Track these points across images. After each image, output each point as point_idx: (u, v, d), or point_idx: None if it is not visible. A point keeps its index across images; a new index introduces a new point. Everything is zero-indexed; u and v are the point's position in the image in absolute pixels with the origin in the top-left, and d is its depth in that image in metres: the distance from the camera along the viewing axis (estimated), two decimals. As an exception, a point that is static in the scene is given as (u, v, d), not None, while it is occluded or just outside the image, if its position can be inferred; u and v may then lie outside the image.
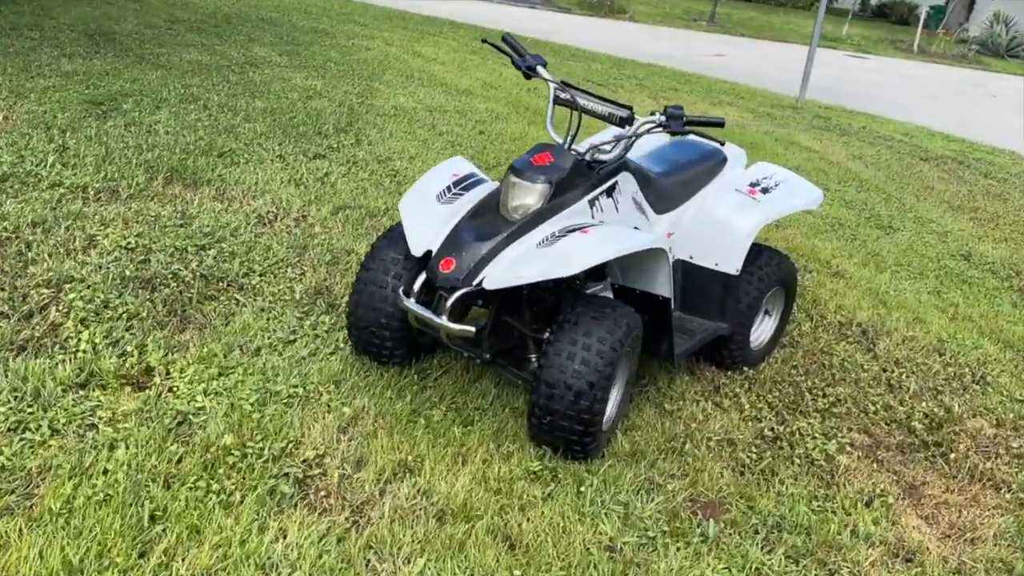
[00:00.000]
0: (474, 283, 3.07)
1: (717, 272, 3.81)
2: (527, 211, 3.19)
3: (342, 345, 3.65)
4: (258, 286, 4.06)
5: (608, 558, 2.74)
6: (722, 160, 4.17)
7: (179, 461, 2.83)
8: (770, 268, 3.99)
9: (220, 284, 4.02)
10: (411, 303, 3.19)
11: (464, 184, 3.47)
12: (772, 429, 3.63)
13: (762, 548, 2.91)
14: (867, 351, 4.59)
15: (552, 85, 3.56)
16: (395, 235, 3.45)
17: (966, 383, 4.40)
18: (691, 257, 3.87)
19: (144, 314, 3.62)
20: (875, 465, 3.53)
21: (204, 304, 3.83)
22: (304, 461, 2.93)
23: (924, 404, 4.09)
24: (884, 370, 4.38)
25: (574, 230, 3.14)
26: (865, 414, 3.93)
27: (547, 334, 3.29)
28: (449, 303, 3.10)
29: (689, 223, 3.88)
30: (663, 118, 3.32)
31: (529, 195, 3.20)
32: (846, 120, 11.75)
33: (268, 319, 3.78)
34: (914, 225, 7.15)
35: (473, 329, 3.12)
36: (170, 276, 3.99)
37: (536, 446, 3.19)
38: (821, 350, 4.48)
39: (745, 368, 4.07)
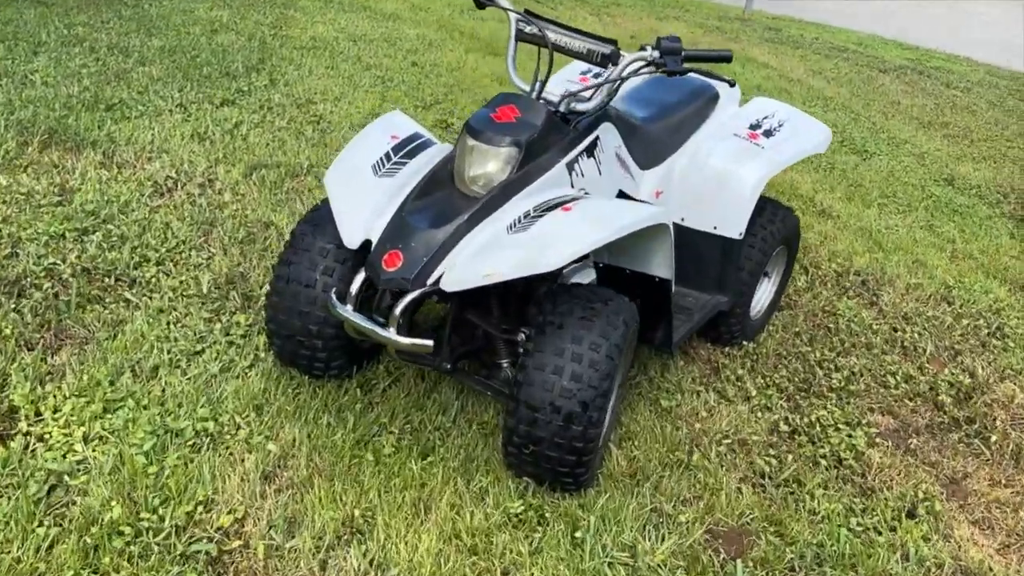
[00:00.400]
0: (428, 283, 2.39)
1: (716, 237, 3.17)
2: (491, 182, 2.50)
3: (263, 354, 2.94)
4: (154, 280, 3.29)
5: (620, 632, 2.15)
6: (713, 97, 3.49)
7: (50, 549, 2.13)
8: (774, 226, 3.36)
9: (106, 280, 3.24)
10: (347, 311, 2.50)
11: (407, 149, 2.73)
12: (787, 421, 3.06)
13: (803, 593, 2.36)
14: (871, 305, 4.05)
15: (513, 16, 2.81)
16: (322, 217, 2.71)
17: (983, 338, 3.90)
18: (683, 219, 3.22)
19: (7, 331, 2.85)
20: (909, 458, 2.99)
21: (86, 310, 3.05)
22: (219, 530, 2.25)
23: (946, 370, 3.57)
24: (895, 329, 3.85)
25: (553, 206, 2.46)
26: (885, 388, 3.39)
27: (522, 335, 2.63)
28: (398, 311, 2.41)
29: (680, 178, 3.22)
30: (656, 54, 2.62)
31: (492, 162, 2.50)
32: (797, 31, 11.12)
33: (167, 325, 3.03)
34: (889, 148, 6.61)
35: (431, 343, 2.45)
36: (43, 274, 3.19)
37: (515, 476, 2.56)
38: (823, 309, 3.91)
39: (745, 343, 3.48)
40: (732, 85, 2.75)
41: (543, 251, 2.33)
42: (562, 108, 2.70)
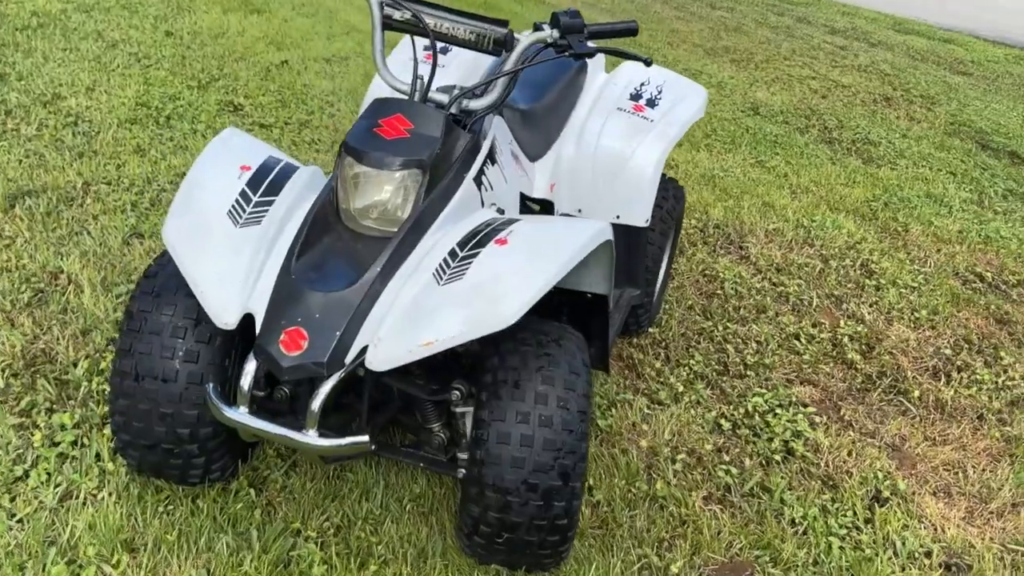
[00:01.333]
0: (347, 361, 1.84)
1: (619, 227, 2.79)
2: (390, 216, 1.97)
3: (111, 463, 2.24)
4: (-79, 384, 2.44)
5: None
6: (582, 66, 3.07)
7: None
8: (668, 204, 3.06)
9: None
10: (241, 415, 1.90)
11: (266, 183, 2.10)
12: (725, 415, 2.82)
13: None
14: (743, 260, 3.90)
15: (375, 1, 2.23)
16: (165, 282, 2.05)
17: (856, 279, 3.88)
18: (580, 211, 2.83)
19: None
20: (850, 432, 2.85)
21: None
22: None
23: (841, 323, 3.49)
24: (775, 284, 3.72)
25: (481, 239, 1.97)
26: (796, 355, 3.24)
27: (455, 393, 2.12)
28: (315, 406, 1.85)
29: (571, 167, 2.80)
30: (556, 33, 2.16)
31: (388, 190, 1.97)
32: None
33: (-39, 448, 2.24)
34: (689, 80, 6.56)
35: (368, 440, 1.92)
36: None
37: (479, 565, 2.11)
38: (703, 274, 3.71)
39: (650, 329, 3.19)
40: (649, 64, 2.35)
41: (492, 305, 1.85)
42: (453, 110, 2.18)
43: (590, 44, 2.16)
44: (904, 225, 4.50)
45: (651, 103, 2.97)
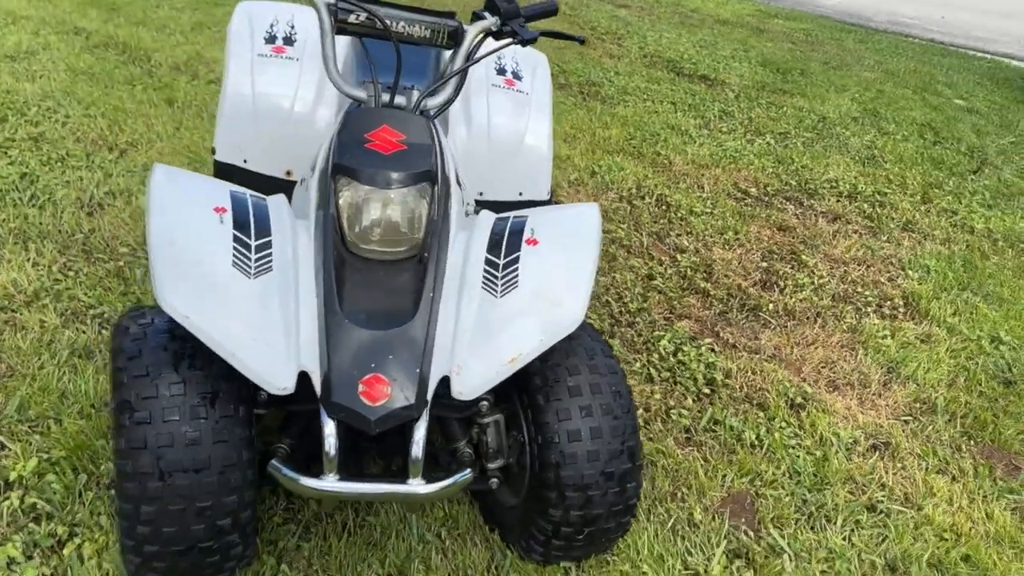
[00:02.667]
0: (430, 398, 1.72)
1: (524, 204, 2.81)
2: (403, 233, 1.84)
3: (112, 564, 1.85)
4: None
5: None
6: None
7: None
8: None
9: None
10: (339, 484, 1.70)
11: (254, 225, 1.83)
12: (650, 365, 2.98)
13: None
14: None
15: (324, 3, 1.99)
16: (153, 358, 1.73)
17: (661, 214, 4.22)
18: (482, 194, 2.78)
19: None
20: (741, 353, 3.16)
21: None
22: None
23: (678, 256, 3.80)
24: (606, 233, 3.94)
25: (509, 242, 1.92)
26: (661, 293, 3.48)
27: (484, 404, 2.03)
28: (418, 452, 1.71)
29: (465, 150, 2.75)
30: (496, 20, 2.11)
31: (400, 208, 1.82)
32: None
33: None
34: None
35: (471, 474, 1.80)
36: None
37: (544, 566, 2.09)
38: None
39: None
40: (583, 42, 2.35)
41: (557, 308, 1.85)
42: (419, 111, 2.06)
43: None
44: (667, 158, 4.95)
45: (516, 76, 2.98)
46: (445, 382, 1.74)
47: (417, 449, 1.71)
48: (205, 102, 4.51)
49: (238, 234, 1.78)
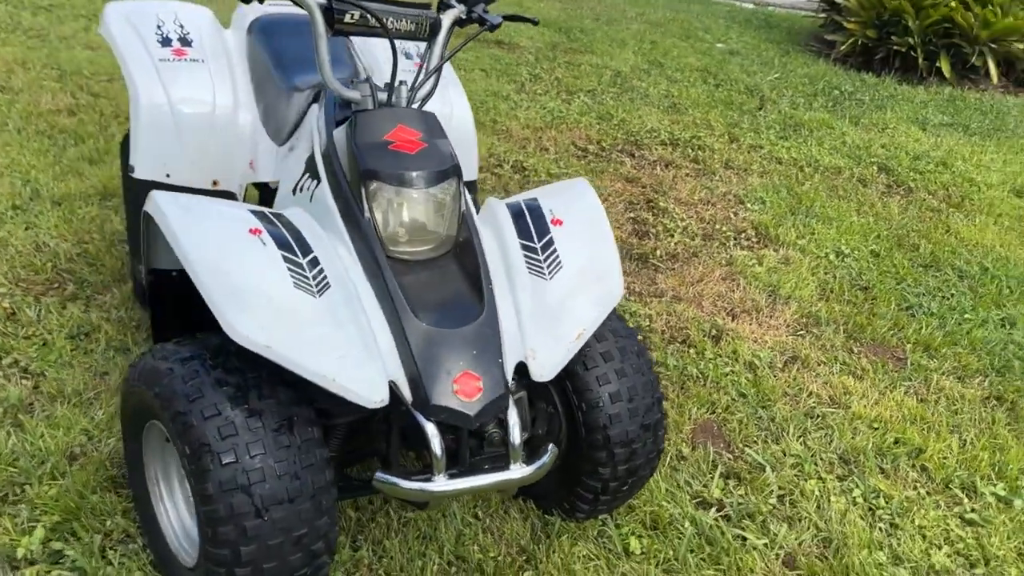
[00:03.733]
0: (511, 385, 1.78)
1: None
2: (438, 229, 1.88)
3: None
4: None
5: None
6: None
7: None
8: None
9: None
10: (452, 483, 1.73)
11: (294, 241, 1.78)
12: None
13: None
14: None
15: (317, 4, 1.92)
16: (210, 394, 1.65)
17: (521, 180, 4.38)
18: None
19: None
20: (652, 299, 3.42)
21: None
22: None
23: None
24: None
25: (536, 225, 2.01)
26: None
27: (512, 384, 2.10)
28: (519, 439, 1.77)
29: None
30: (463, 7, 2.17)
31: (436, 206, 1.87)
32: None
33: None
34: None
35: (556, 449, 1.88)
36: None
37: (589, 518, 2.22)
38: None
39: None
40: (536, 23, 2.41)
41: (603, 282, 1.99)
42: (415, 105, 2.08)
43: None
44: (504, 125, 5.10)
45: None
46: (519, 367, 1.80)
47: (515, 434, 1.76)
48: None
49: (286, 254, 1.72)
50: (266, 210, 1.86)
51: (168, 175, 2.52)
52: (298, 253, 1.74)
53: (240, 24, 2.79)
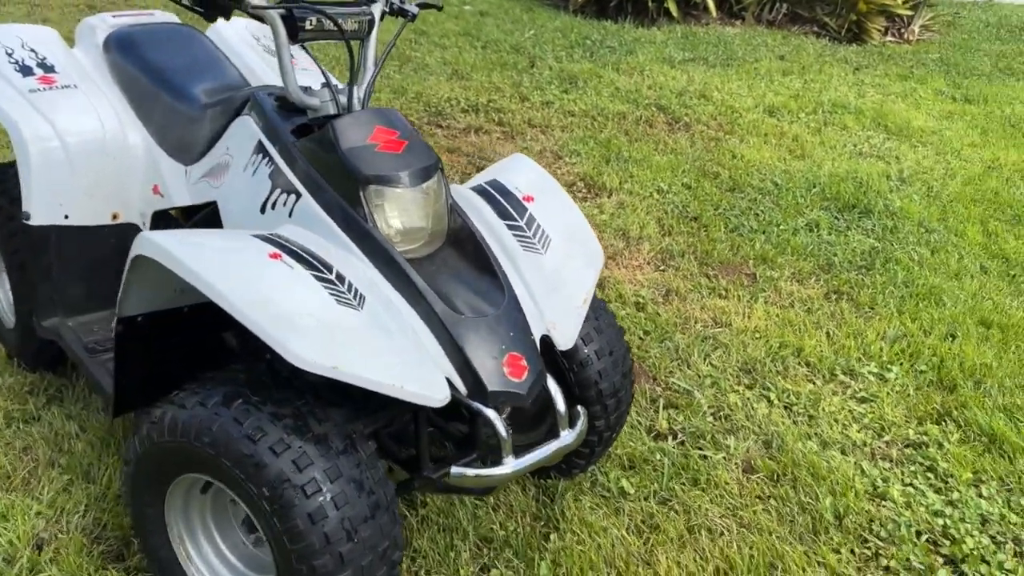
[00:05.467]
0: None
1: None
2: (435, 222, 1.93)
3: None
4: None
5: (766, 467, 2.54)
6: None
7: None
8: None
9: None
10: (520, 461, 1.81)
11: (314, 260, 1.74)
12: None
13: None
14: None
15: (278, 14, 1.84)
16: (278, 434, 1.62)
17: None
18: None
19: None
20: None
21: None
22: None
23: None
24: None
25: (511, 203, 2.10)
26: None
27: None
28: (564, 407, 1.89)
29: None
30: (385, 1, 2.19)
31: (429, 200, 1.92)
32: None
33: None
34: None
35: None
36: None
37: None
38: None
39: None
40: (440, 9, 2.41)
41: (586, 245, 2.13)
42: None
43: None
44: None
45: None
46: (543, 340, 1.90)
47: (560, 401, 1.86)
48: None
49: (315, 274, 1.69)
50: (266, 233, 1.79)
51: (67, 215, 2.29)
52: (324, 270, 1.71)
53: (91, 41, 2.56)
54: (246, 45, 2.82)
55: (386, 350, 1.65)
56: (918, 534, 2.33)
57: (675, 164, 4.73)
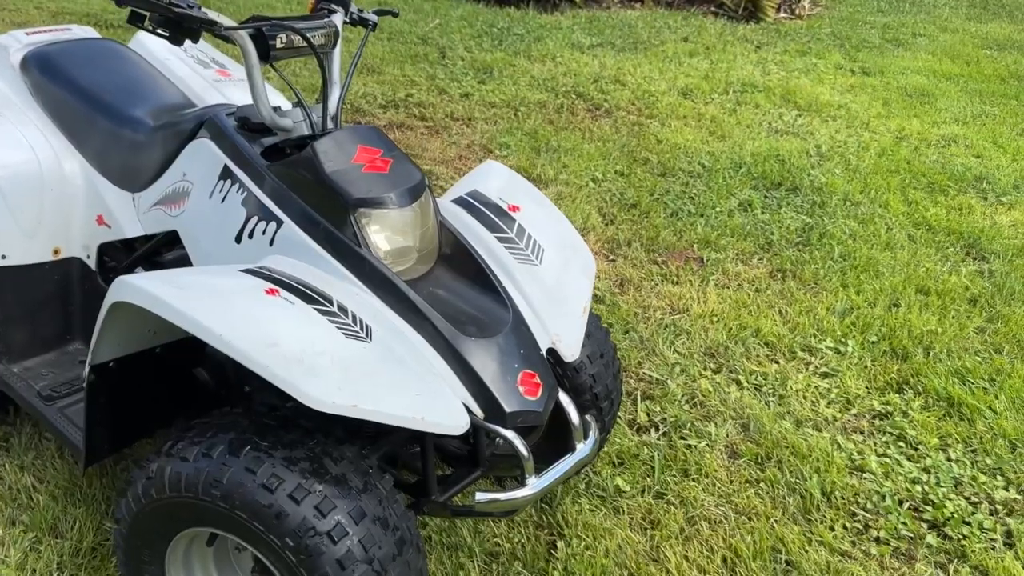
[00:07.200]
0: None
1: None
2: (428, 240, 1.86)
3: None
4: None
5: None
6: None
7: None
8: None
9: None
10: (543, 479, 1.75)
11: (310, 292, 1.64)
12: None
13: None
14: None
15: (247, 34, 1.73)
16: (291, 456, 1.55)
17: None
18: None
19: None
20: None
21: None
22: None
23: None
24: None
25: (497, 214, 2.05)
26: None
27: None
28: (579, 419, 1.85)
29: None
30: (340, 9, 2.10)
31: (421, 220, 1.85)
32: None
33: None
34: None
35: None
36: None
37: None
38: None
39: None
40: (396, 15, 2.31)
41: (577, 253, 2.10)
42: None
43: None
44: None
45: (220, 63, 2.75)
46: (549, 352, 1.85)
47: (574, 414, 1.81)
48: None
49: (317, 308, 1.59)
50: (247, 267, 1.68)
51: (3, 255, 2.11)
52: (324, 302, 1.62)
53: (4, 62, 2.36)
54: (175, 57, 2.66)
55: (402, 381, 1.58)
56: (900, 502, 2.40)
57: (604, 152, 4.74)
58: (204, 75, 2.61)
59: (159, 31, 1.73)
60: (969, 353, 3.12)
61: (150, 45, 2.68)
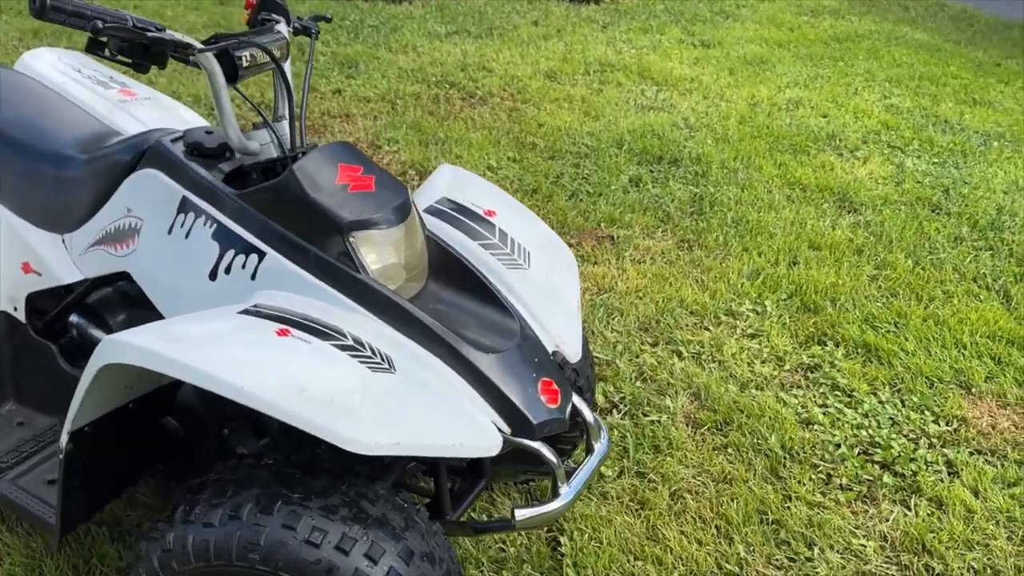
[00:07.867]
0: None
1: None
2: (420, 256, 1.83)
3: None
4: None
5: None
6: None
7: None
8: None
9: None
10: (572, 486, 1.73)
11: (321, 328, 1.56)
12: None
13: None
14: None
15: (211, 55, 1.61)
16: (325, 490, 1.50)
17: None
18: None
19: None
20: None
21: None
22: None
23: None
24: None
25: (474, 220, 2.03)
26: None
27: None
28: (590, 416, 1.86)
29: None
30: (283, 20, 2.02)
31: (412, 235, 1.81)
32: None
33: None
34: None
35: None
36: None
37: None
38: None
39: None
40: (329, 21, 2.19)
41: (560, 253, 2.11)
42: None
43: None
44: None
45: (124, 84, 2.56)
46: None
47: (588, 414, 1.82)
48: None
49: (334, 344, 1.52)
50: (243, 307, 1.57)
51: None
52: (339, 336, 1.54)
53: None
54: (70, 79, 2.45)
55: (434, 409, 1.53)
56: (851, 447, 2.58)
57: (492, 139, 4.75)
58: (107, 96, 2.42)
59: (120, 58, 1.59)
60: (870, 300, 3.37)
61: (39, 68, 2.46)
